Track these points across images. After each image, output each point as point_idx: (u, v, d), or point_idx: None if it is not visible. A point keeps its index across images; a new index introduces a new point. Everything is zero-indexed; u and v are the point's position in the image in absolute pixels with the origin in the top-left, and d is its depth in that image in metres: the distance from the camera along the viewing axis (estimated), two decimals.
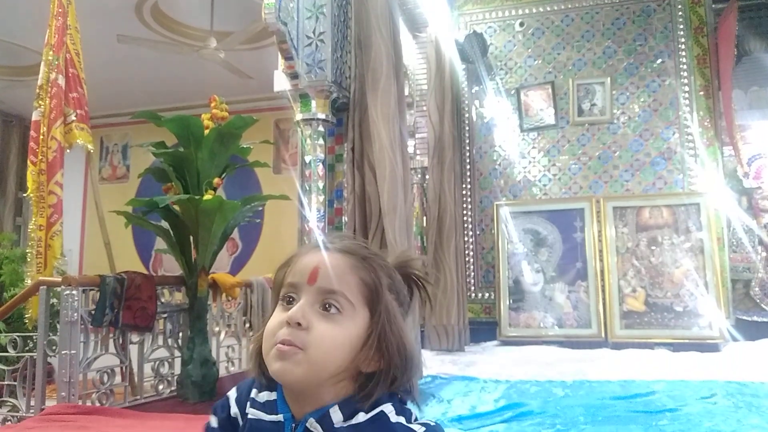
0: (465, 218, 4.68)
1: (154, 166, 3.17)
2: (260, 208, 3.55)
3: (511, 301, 4.36)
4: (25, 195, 3.45)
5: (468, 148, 4.82)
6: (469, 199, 4.76)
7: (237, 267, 6.55)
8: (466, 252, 4.64)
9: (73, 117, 3.36)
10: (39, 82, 3.32)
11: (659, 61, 4.48)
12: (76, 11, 3.44)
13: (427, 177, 4.57)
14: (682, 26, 4.45)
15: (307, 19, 3.13)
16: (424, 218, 4.62)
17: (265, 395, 0.86)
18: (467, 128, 4.84)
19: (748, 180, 4.22)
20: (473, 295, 4.64)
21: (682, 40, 4.44)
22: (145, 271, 3.47)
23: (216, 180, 2.83)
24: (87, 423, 2.20)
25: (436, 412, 2.23)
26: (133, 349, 2.84)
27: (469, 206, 4.75)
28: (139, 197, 3.87)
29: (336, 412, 0.79)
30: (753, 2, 4.41)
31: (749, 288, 4.14)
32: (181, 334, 3.03)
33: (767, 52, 4.35)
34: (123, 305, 2.66)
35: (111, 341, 2.72)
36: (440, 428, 0.83)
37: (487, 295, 4.62)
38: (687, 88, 4.39)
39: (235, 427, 0.89)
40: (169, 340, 3.00)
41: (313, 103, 3.17)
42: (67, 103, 3.34)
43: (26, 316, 3.26)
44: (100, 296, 2.60)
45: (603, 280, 4.18)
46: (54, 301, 2.95)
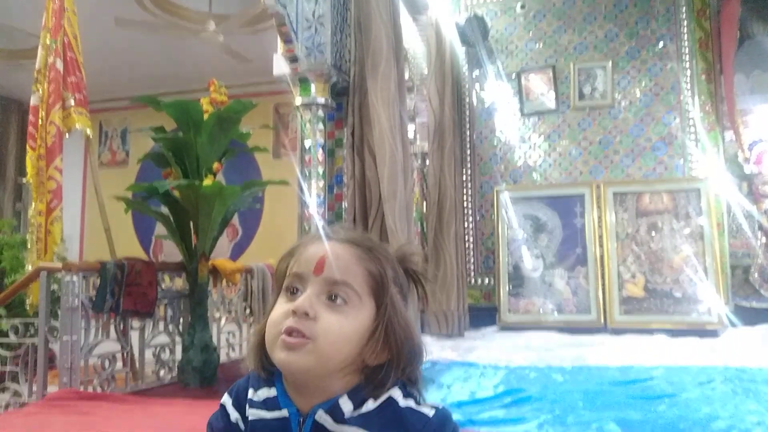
0: (465, 204, 4.67)
1: (153, 151, 3.16)
2: (260, 194, 3.55)
3: (511, 286, 4.37)
4: (24, 180, 3.43)
5: (468, 132, 4.80)
6: (469, 185, 4.75)
7: (237, 253, 6.56)
8: (466, 238, 4.64)
9: (71, 101, 3.33)
10: (37, 66, 3.29)
11: (661, 44, 4.45)
12: None
13: (427, 162, 4.56)
14: (684, 9, 4.41)
15: (306, 1, 3.10)
16: (424, 204, 4.61)
17: (263, 392, 0.84)
18: (467, 113, 4.82)
19: (749, 165, 4.21)
20: (473, 280, 4.65)
21: (685, 23, 4.40)
22: (145, 257, 3.46)
23: (215, 165, 2.82)
24: (89, 409, 2.21)
25: (435, 398, 2.24)
26: (134, 335, 2.84)
27: (469, 192, 4.75)
28: (138, 182, 3.86)
29: (346, 402, 0.79)
30: None
31: (749, 274, 4.14)
32: (181, 320, 3.04)
33: None
34: (123, 291, 2.67)
35: (112, 327, 2.72)
36: (448, 411, 0.83)
37: (486, 280, 4.63)
38: (689, 72, 4.36)
39: None
40: (170, 326, 3.01)
41: (313, 87, 3.16)
42: (66, 87, 3.32)
43: (27, 302, 3.26)
44: (100, 282, 2.60)
45: (603, 265, 4.19)
46: (55, 287, 2.95)
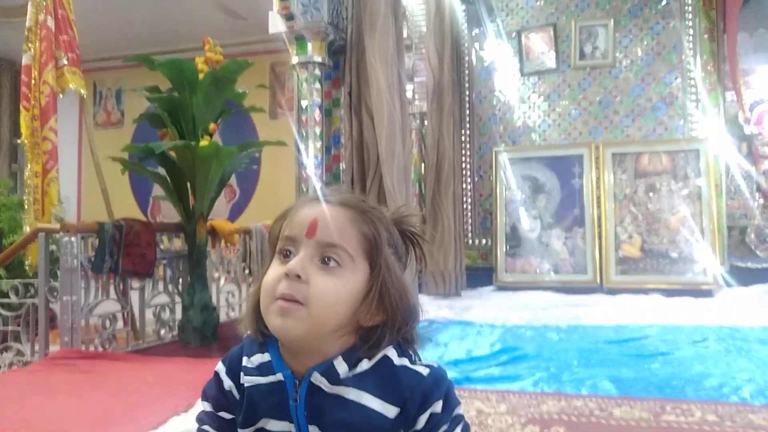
0: (463, 165, 4.65)
1: (149, 111, 3.12)
2: (257, 155, 3.53)
3: (508, 247, 4.39)
4: (19, 141, 3.41)
5: (467, 92, 4.75)
6: (467, 146, 4.72)
7: (235, 214, 6.56)
8: (464, 199, 4.64)
9: (64, 61, 3.28)
10: (27, 24, 3.23)
11: (664, 2, 4.36)
12: None
13: (425, 123, 4.52)
14: None
15: None
16: (423, 165, 4.59)
17: (257, 358, 0.84)
18: (467, 72, 4.76)
19: (749, 126, 4.18)
20: (470, 241, 4.67)
21: None
22: (143, 218, 3.46)
23: (212, 125, 2.80)
24: (91, 367, 2.25)
25: (432, 356, 2.27)
26: (134, 295, 2.87)
27: (468, 153, 4.72)
28: (134, 143, 3.83)
29: (341, 364, 0.79)
30: None
31: (745, 235, 4.16)
32: (181, 281, 3.06)
33: None
34: (122, 252, 2.68)
35: (111, 287, 2.74)
36: (443, 369, 0.84)
37: (484, 241, 4.65)
38: (691, 31, 4.29)
39: (232, 404, 0.86)
40: (170, 286, 3.03)
41: (310, 45, 3.10)
42: (58, 45, 3.26)
43: (26, 263, 3.27)
44: (99, 243, 2.60)
45: (600, 226, 4.20)
46: (53, 248, 2.96)
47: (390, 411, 0.78)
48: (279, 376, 0.81)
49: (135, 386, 2.02)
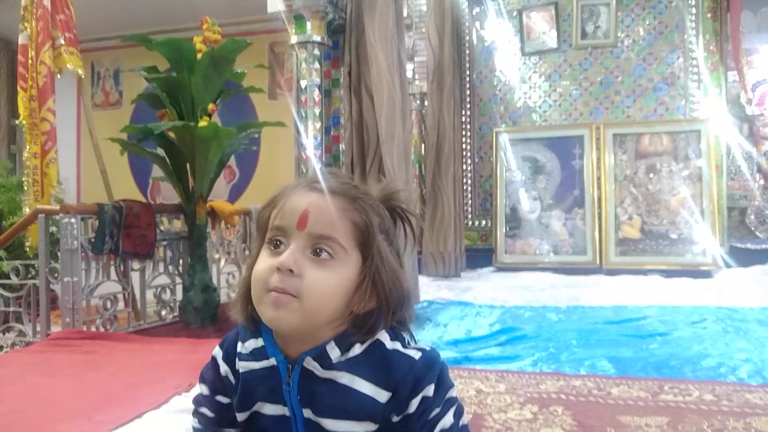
0: (464, 146, 4.64)
1: (147, 91, 3.10)
2: (256, 136, 3.51)
3: (508, 228, 4.39)
4: (17, 122, 3.39)
5: (468, 72, 4.72)
6: (468, 126, 4.70)
7: (235, 195, 6.55)
8: (464, 180, 4.63)
9: (61, 41, 3.25)
10: (23, 3, 3.19)
11: None
12: None
13: (425, 103, 4.50)
14: None
15: None
16: (423, 146, 4.58)
17: (251, 344, 0.84)
18: (467, 52, 4.72)
19: (751, 107, 4.16)
20: (470, 222, 4.67)
21: None
22: (143, 199, 3.45)
23: (211, 106, 2.78)
24: (93, 348, 2.26)
25: (432, 336, 2.29)
26: (135, 276, 2.87)
27: (468, 133, 4.70)
28: (133, 124, 3.81)
29: (333, 349, 0.79)
30: None
31: (745, 216, 4.16)
32: (181, 262, 3.07)
33: None
34: (122, 233, 2.68)
35: (112, 268, 2.75)
36: (435, 352, 0.83)
37: (484, 222, 4.65)
38: (694, 10, 4.24)
39: (229, 388, 0.87)
40: (170, 267, 3.03)
41: (309, 24, 3.07)
42: (55, 25, 3.23)
43: (26, 244, 3.28)
44: (99, 224, 2.60)
45: (600, 207, 4.20)
46: (53, 229, 2.96)
47: (381, 395, 0.78)
48: (272, 361, 0.81)
49: (136, 366, 2.04)
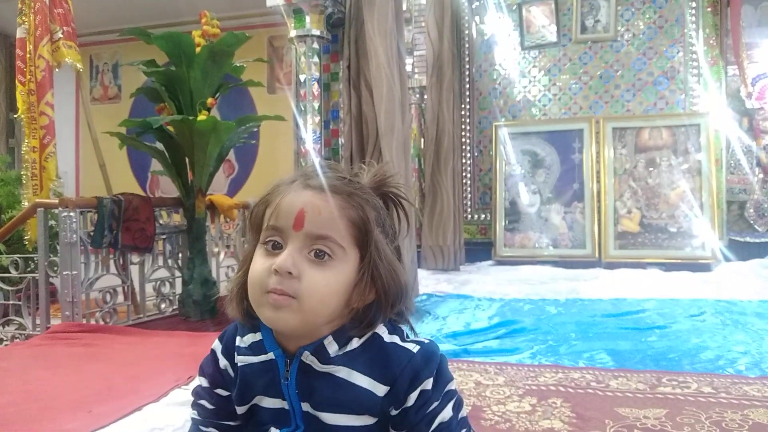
0: (463, 139, 4.63)
1: (146, 85, 3.10)
2: (255, 129, 3.51)
3: (507, 222, 4.40)
4: (16, 116, 3.38)
5: (467, 66, 4.71)
6: (467, 120, 4.69)
7: (234, 189, 6.54)
8: (464, 174, 4.63)
9: (60, 34, 3.25)
10: None
11: None
12: None
13: (425, 97, 4.49)
14: None
15: None
16: (422, 140, 4.57)
17: (249, 338, 0.84)
18: (467, 46, 4.71)
19: (751, 101, 4.15)
20: (469, 216, 4.67)
21: None
22: (142, 193, 3.45)
23: (210, 100, 2.78)
24: (92, 340, 2.26)
25: (431, 329, 2.29)
26: (134, 270, 2.87)
27: (468, 127, 4.70)
28: (132, 118, 3.80)
29: (331, 343, 0.79)
30: None
31: (744, 209, 4.16)
32: (180, 255, 3.07)
33: None
34: (121, 227, 2.68)
35: (111, 262, 2.75)
36: (434, 345, 0.83)
37: (483, 216, 4.65)
38: (694, 4, 4.23)
39: (228, 381, 0.87)
40: (169, 261, 3.04)
41: (308, 18, 3.07)
42: (53, 19, 3.22)
43: (26, 237, 3.28)
44: (98, 218, 2.60)
45: (599, 201, 4.20)
46: (52, 222, 2.96)
47: (379, 389, 0.78)
48: (270, 355, 0.81)
49: (136, 359, 2.04)
